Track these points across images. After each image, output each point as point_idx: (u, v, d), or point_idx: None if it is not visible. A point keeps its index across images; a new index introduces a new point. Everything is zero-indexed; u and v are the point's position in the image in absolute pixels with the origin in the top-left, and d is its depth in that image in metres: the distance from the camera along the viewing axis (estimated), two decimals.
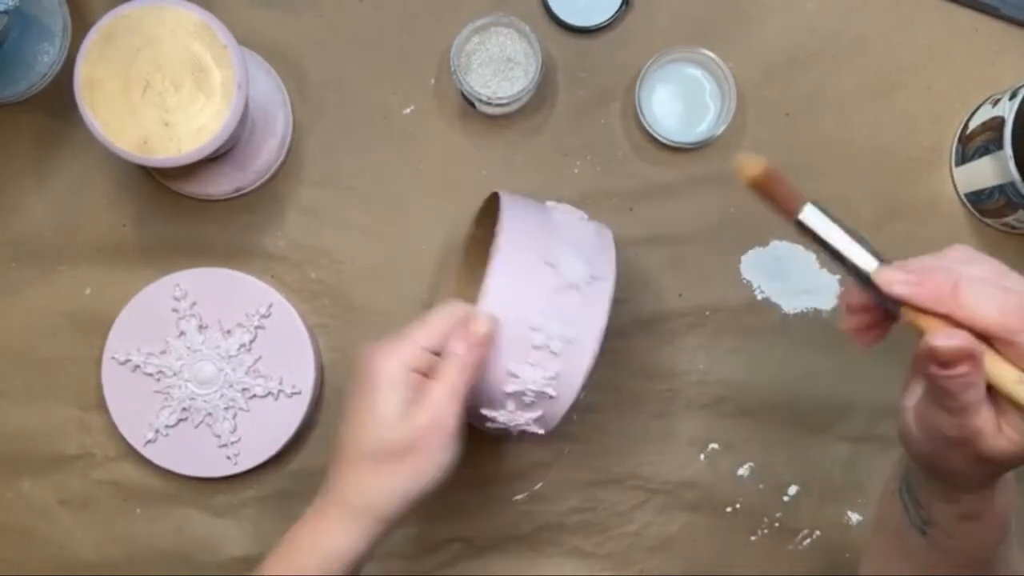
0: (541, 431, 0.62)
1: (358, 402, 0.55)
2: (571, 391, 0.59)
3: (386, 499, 0.55)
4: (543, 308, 0.58)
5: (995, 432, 0.43)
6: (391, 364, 0.55)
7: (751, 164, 0.45)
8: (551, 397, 0.59)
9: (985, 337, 0.42)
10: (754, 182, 0.45)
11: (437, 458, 0.55)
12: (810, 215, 0.45)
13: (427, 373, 0.56)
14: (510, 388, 0.59)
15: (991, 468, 0.45)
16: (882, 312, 0.46)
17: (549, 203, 0.65)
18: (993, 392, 0.43)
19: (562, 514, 0.73)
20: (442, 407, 0.54)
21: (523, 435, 0.62)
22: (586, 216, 0.64)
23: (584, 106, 0.74)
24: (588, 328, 0.59)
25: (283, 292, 0.73)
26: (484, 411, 0.61)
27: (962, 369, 0.41)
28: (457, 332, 0.56)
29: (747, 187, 0.46)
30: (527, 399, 0.59)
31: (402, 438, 0.54)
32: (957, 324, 0.42)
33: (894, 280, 0.43)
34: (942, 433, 0.44)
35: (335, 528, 0.55)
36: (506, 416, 0.61)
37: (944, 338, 0.41)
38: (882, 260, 0.44)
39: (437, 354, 0.57)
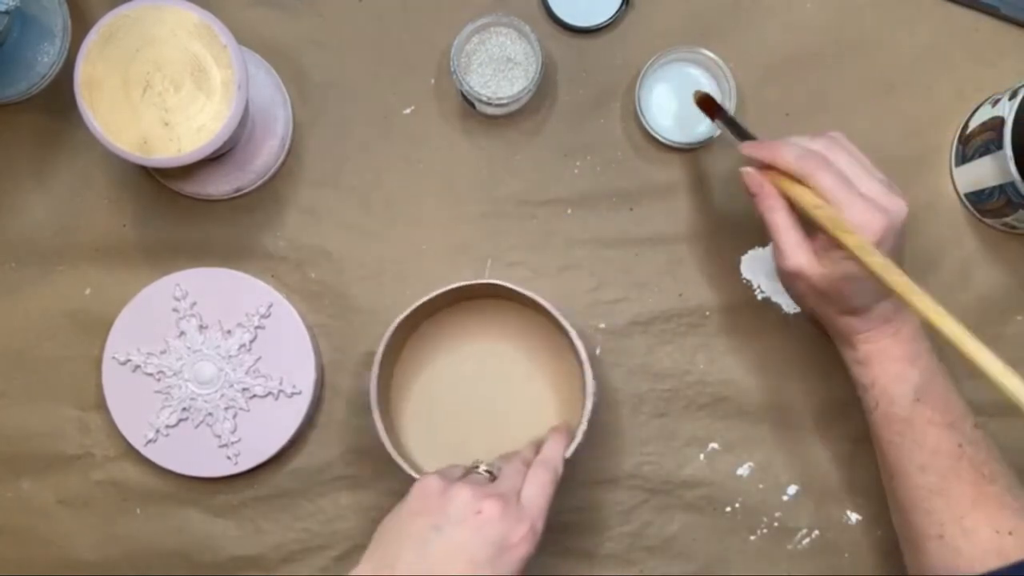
0: None
1: None
2: None
3: None
4: None
5: (813, 264, 0.60)
6: None
7: (698, 93, 0.70)
8: None
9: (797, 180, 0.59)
10: (699, 100, 0.70)
11: None
12: (718, 122, 0.69)
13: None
14: None
15: (824, 299, 0.61)
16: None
17: None
18: (812, 232, 0.60)
19: (562, 514, 0.73)
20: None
21: None
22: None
23: (584, 106, 0.74)
24: None
25: (283, 292, 0.73)
26: None
27: (759, 191, 0.61)
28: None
29: (696, 104, 0.70)
30: None
31: None
32: (784, 175, 0.60)
33: (746, 146, 0.62)
34: (780, 269, 0.62)
35: None
36: None
37: (745, 173, 0.62)
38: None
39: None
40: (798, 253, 0.60)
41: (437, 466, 0.67)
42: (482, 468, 0.62)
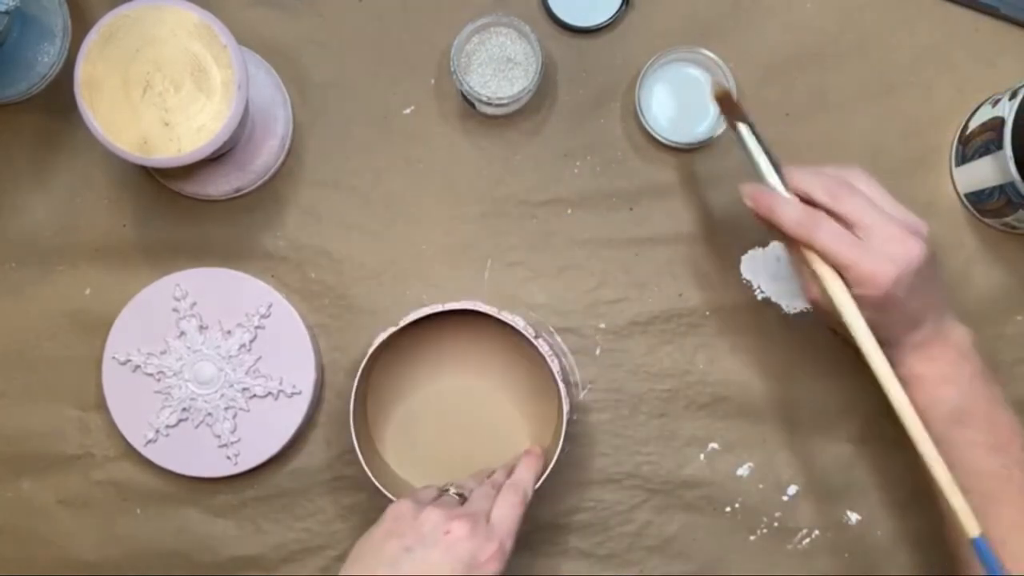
0: None
1: None
2: None
3: None
4: None
5: (829, 300, 0.58)
6: None
7: (720, 86, 0.66)
8: None
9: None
10: (719, 96, 0.65)
11: None
12: (742, 129, 0.62)
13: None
14: None
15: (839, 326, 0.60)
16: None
17: None
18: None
19: (562, 514, 0.73)
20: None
21: None
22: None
23: (584, 106, 0.74)
24: None
25: (283, 292, 0.73)
26: None
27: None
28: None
29: (714, 98, 0.66)
30: None
31: None
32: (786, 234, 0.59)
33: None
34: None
35: None
36: None
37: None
38: (779, 173, 0.60)
39: None
40: (813, 288, 0.60)
41: (419, 483, 0.68)
42: (452, 491, 0.63)
